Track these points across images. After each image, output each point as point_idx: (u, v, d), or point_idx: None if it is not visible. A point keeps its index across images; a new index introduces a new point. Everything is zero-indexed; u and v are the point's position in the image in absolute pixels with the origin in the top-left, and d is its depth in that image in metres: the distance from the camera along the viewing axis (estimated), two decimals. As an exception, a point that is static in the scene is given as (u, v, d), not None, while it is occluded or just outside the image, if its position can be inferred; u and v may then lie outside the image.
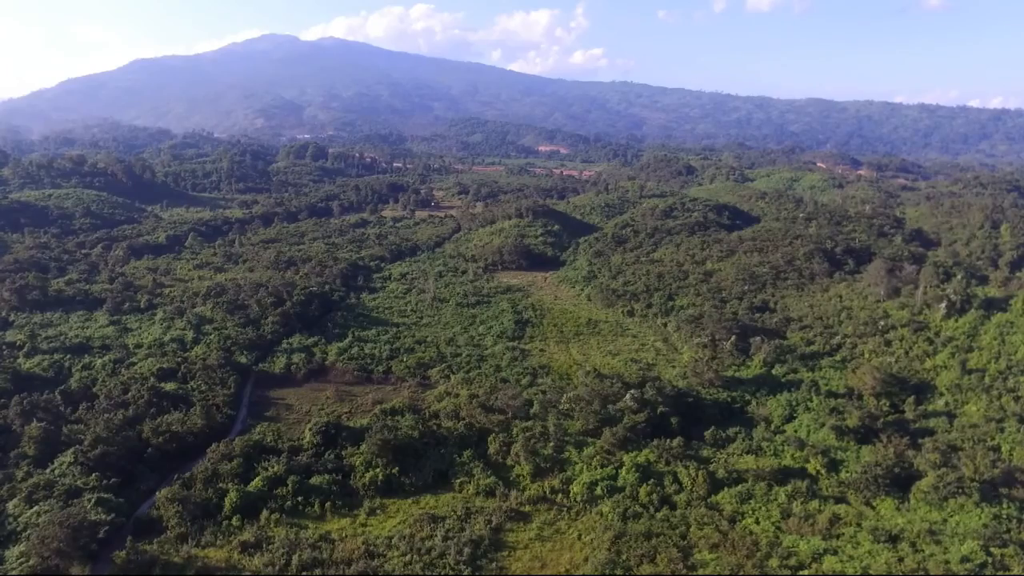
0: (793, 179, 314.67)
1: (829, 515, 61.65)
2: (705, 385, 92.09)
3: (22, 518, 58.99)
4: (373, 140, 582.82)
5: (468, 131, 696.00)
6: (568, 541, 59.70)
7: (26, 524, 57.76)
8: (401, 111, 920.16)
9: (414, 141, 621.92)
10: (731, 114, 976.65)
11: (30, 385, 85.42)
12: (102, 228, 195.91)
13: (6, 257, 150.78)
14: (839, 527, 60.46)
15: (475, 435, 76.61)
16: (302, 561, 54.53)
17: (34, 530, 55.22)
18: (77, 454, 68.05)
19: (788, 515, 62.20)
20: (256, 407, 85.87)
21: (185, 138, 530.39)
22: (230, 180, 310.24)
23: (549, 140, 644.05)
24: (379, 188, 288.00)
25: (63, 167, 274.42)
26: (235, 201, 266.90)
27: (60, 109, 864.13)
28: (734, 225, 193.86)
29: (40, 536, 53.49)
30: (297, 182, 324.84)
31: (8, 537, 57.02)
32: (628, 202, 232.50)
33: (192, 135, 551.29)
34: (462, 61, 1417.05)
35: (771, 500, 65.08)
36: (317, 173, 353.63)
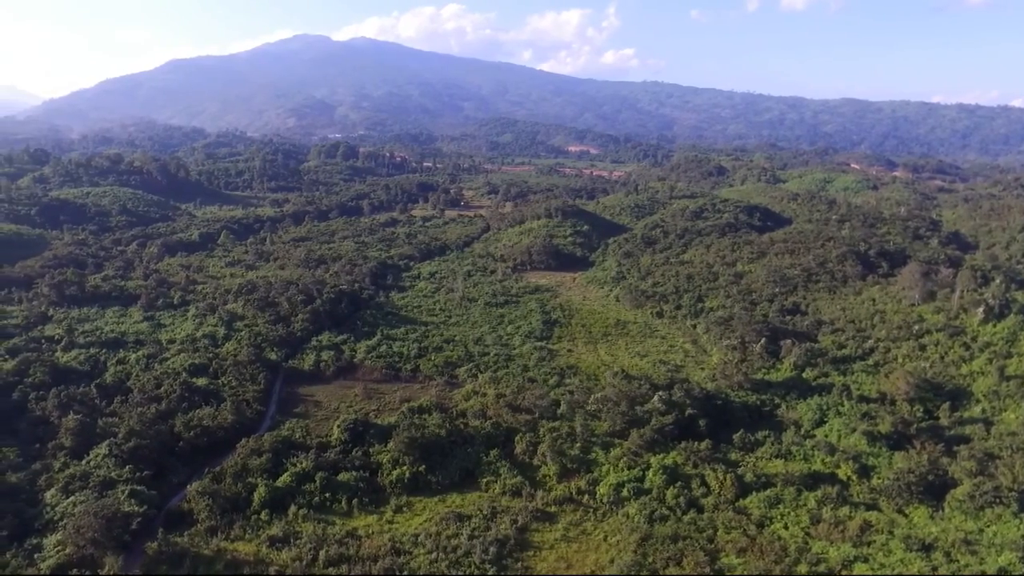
0: (826, 180, 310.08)
1: (860, 522, 60.57)
2: (734, 388, 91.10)
3: (59, 508, 60.29)
4: (403, 139, 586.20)
5: (498, 131, 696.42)
6: (594, 542, 59.45)
7: (62, 514, 59.01)
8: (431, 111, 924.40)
9: (444, 141, 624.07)
10: (763, 114, 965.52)
11: (67, 378, 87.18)
12: (137, 225, 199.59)
13: (46, 253, 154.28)
14: (870, 534, 59.36)
15: (502, 434, 76.62)
16: (329, 557, 54.97)
17: (70, 520, 56.42)
18: (111, 446, 69.28)
19: (817, 521, 61.29)
20: (285, 403, 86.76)
21: (219, 137, 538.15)
22: (262, 179, 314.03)
23: (579, 140, 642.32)
24: (409, 187, 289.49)
25: (101, 166, 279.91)
26: (267, 200, 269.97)
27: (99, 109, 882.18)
28: (765, 227, 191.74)
29: (76, 526, 54.64)
30: (328, 181, 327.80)
31: (46, 526, 58.29)
32: (658, 203, 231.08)
33: (225, 134, 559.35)
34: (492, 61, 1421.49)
35: (800, 505, 64.18)
36: (347, 172, 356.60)
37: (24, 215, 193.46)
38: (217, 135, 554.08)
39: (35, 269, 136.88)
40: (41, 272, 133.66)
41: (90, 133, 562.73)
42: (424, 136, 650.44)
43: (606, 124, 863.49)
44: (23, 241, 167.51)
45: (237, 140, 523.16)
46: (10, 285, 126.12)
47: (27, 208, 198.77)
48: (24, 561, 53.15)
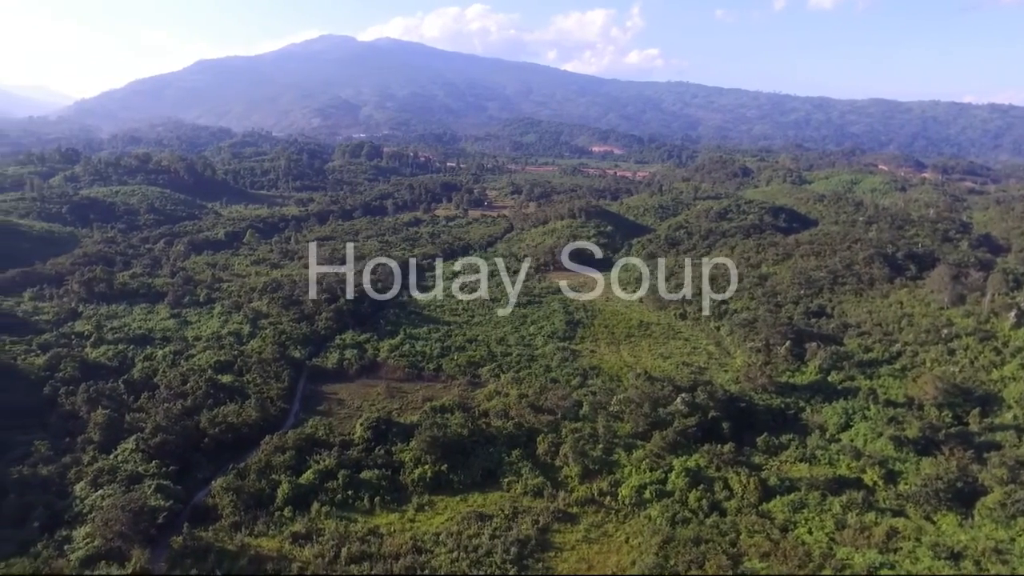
0: (853, 182, 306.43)
1: (886, 528, 59.65)
2: (758, 390, 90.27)
3: (88, 500, 61.34)
4: (427, 139, 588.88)
5: (522, 131, 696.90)
6: (615, 544, 59.20)
7: (91, 507, 60.03)
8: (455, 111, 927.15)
9: (468, 141, 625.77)
10: (789, 115, 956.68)
11: (96, 373, 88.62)
12: (165, 224, 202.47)
13: (76, 251, 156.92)
14: (897, 541, 58.45)
15: (524, 435, 76.56)
16: (351, 554, 55.28)
17: (98, 513, 57.35)
18: (139, 441, 70.30)
19: (843, 526, 60.47)
20: (309, 401, 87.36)
21: (245, 137, 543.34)
22: (287, 178, 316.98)
23: (603, 140, 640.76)
24: (433, 187, 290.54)
25: (129, 165, 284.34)
26: (292, 199, 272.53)
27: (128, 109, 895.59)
28: (791, 228, 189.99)
29: (104, 519, 55.54)
30: (352, 180, 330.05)
31: (75, 518, 59.31)
32: (682, 203, 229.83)
33: (251, 134, 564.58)
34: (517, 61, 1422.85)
35: (825, 510, 63.35)
36: (372, 172, 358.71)
37: (55, 213, 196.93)
38: (243, 135, 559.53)
39: (66, 266, 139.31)
40: (71, 269, 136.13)
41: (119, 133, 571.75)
42: (448, 136, 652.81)
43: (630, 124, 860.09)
44: (54, 239, 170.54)
45: (263, 140, 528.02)
46: (42, 282, 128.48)
47: (58, 206, 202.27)
48: (55, 552, 54.06)
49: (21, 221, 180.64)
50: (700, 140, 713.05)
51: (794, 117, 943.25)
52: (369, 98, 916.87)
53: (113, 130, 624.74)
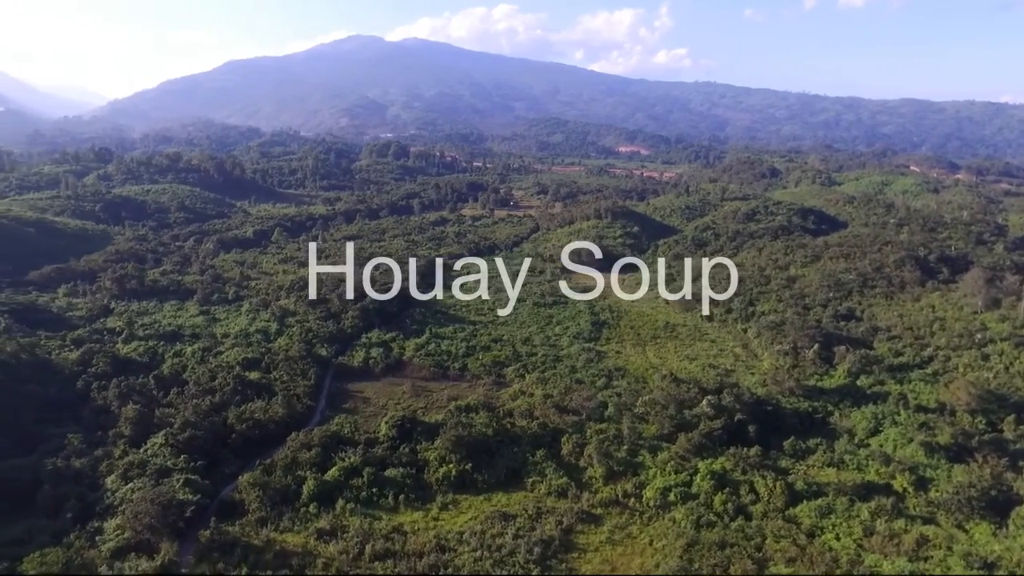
0: (884, 183, 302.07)
1: (916, 536, 58.67)
2: (785, 394, 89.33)
3: (118, 493, 62.40)
4: (454, 139, 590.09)
5: (548, 131, 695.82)
6: (639, 546, 58.95)
7: (122, 499, 61.01)
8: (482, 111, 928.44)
9: (494, 141, 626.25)
10: (819, 115, 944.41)
11: (127, 369, 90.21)
12: (194, 222, 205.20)
13: (108, 248, 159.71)
14: (927, 549, 57.45)
15: (548, 435, 76.48)
16: (375, 551, 55.58)
17: (129, 505, 58.30)
18: (168, 436, 71.34)
19: (871, 533, 59.64)
20: (335, 399, 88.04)
21: (273, 136, 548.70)
22: (315, 177, 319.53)
23: (630, 141, 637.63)
24: (459, 187, 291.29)
25: (161, 164, 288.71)
26: (319, 198, 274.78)
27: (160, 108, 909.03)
28: (819, 230, 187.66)
29: (134, 511, 56.45)
30: (379, 180, 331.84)
31: (106, 510, 60.41)
32: (709, 204, 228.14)
33: (280, 133, 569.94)
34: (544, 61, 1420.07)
35: (853, 516, 62.43)
36: (398, 171, 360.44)
37: (89, 211, 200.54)
38: (272, 134, 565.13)
39: (98, 263, 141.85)
40: (104, 266, 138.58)
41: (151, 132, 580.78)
42: (475, 136, 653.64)
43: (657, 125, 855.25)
44: (88, 236, 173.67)
45: (291, 139, 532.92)
46: (76, 278, 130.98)
47: (92, 204, 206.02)
48: (87, 543, 55.15)
49: (56, 219, 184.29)
50: (728, 141, 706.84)
51: (824, 117, 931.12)
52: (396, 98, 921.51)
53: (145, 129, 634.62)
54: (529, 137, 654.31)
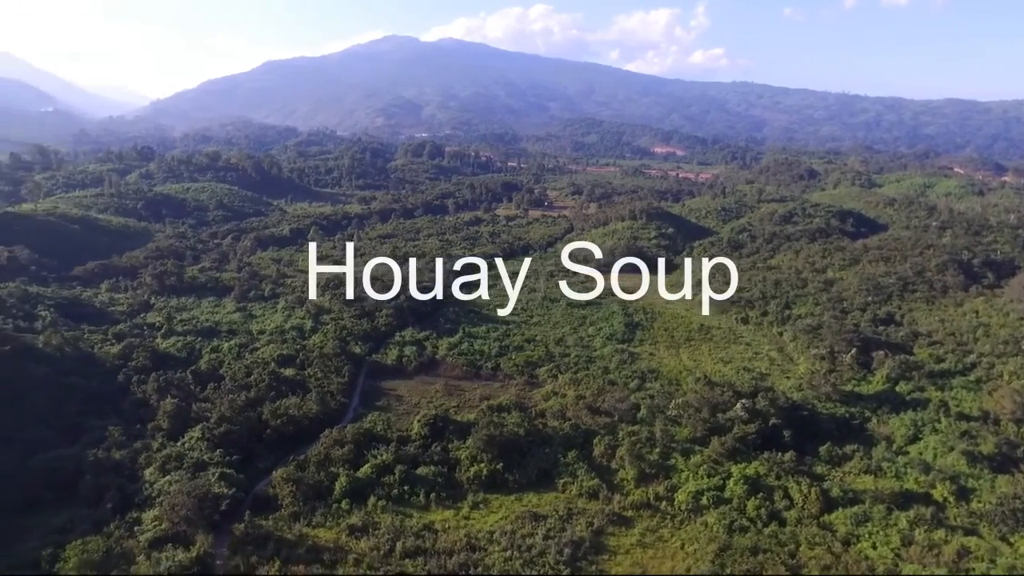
0: (926, 185, 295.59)
1: (957, 547, 57.17)
2: (821, 399, 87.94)
3: (156, 485, 63.74)
4: (488, 139, 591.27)
5: (583, 131, 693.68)
6: (670, 550, 58.48)
7: (159, 491, 62.32)
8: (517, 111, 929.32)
9: (529, 141, 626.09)
10: (859, 116, 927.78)
11: (166, 363, 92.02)
12: (232, 220, 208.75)
13: (149, 245, 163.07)
14: (968, 561, 55.97)
15: (580, 436, 76.26)
16: (406, 548, 55.92)
17: (166, 497, 59.52)
18: (204, 430, 72.59)
19: (909, 543, 58.27)
20: (368, 396, 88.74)
21: (310, 136, 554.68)
22: (350, 176, 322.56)
23: (665, 141, 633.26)
24: (493, 187, 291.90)
25: (200, 163, 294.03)
26: (355, 197, 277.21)
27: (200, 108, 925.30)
28: (859, 232, 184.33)
29: (171, 503, 57.61)
30: (414, 179, 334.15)
31: (145, 501, 61.77)
32: (745, 206, 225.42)
33: (316, 133, 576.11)
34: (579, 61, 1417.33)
35: (890, 525, 61.14)
36: (433, 171, 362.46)
37: (131, 209, 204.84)
38: (308, 134, 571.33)
39: (139, 260, 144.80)
40: (145, 263, 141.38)
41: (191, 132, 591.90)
42: (509, 136, 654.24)
43: (693, 125, 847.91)
44: (129, 233, 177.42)
45: (327, 139, 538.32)
46: (118, 274, 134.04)
47: (134, 202, 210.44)
48: (126, 533, 56.51)
49: (100, 216, 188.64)
50: (765, 141, 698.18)
51: (864, 118, 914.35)
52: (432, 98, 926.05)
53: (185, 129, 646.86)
54: (564, 137, 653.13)
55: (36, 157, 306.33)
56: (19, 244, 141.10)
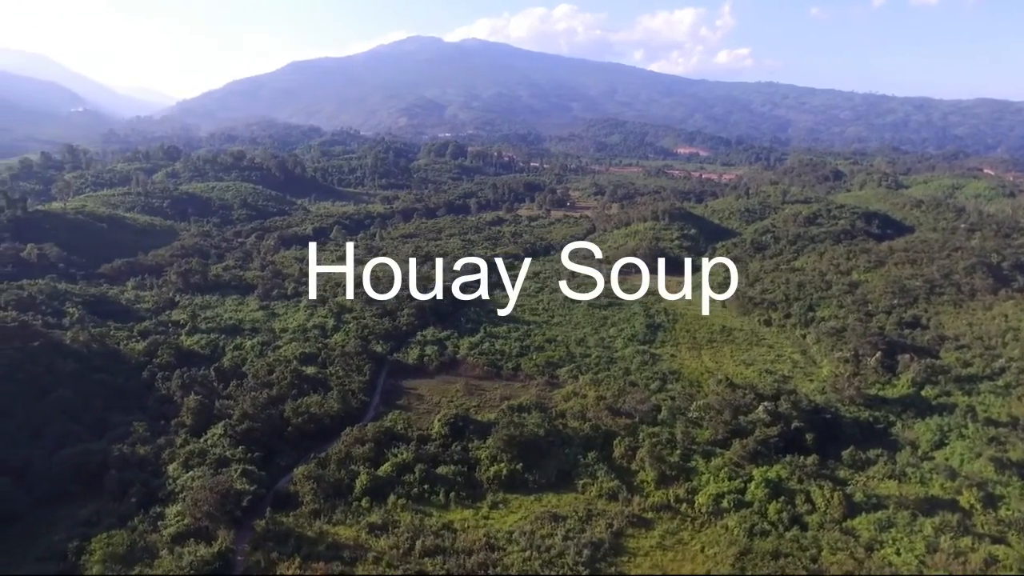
0: (955, 187, 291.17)
1: (984, 555, 56.10)
2: (845, 402, 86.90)
3: (179, 481, 64.54)
4: (511, 139, 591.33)
5: (606, 132, 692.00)
6: (690, 552, 58.11)
7: (182, 487, 63.07)
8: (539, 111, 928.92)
9: (551, 141, 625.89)
10: (886, 116, 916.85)
11: (190, 360, 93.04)
12: (256, 219, 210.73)
13: (174, 243, 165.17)
14: (996, 569, 54.92)
15: (600, 437, 75.97)
16: (425, 547, 56.04)
17: (189, 493, 60.21)
18: (227, 427, 73.33)
19: (934, 550, 57.30)
20: (389, 395, 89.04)
21: (334, 135, 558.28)
22: (373, 176, 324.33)
23: (688, 142, 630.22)
24: (516, 187, 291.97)
25: (225, 162, 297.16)
26: (377, 196, 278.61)
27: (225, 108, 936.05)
28: (884, 235, 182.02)
29: (193, 499, 58.25)
30: (436, 179, 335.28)
31: (168, 496, 62.64)
32: (769, 207, 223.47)
33: (340, 133, 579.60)
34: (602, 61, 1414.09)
35: (915, 531, 60.21)
36: (456, 171, 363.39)
37: (157, 207, 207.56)
38: (332, 133, 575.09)
39: (165, 258, 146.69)
40: (170, 261, 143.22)
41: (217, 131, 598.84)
42: (532, 136, 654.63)
43: (717, 126, 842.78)
44: (155, 231, 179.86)
45: (351, 138, 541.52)
46: (143, 272, 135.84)
47: (160, 201, 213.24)
48: (149, 527, 57.23)
49: (127, 214, 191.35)
50: (790, 142, 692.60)
51: (891, 119, 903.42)
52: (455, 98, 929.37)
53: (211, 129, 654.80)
54: (586, 138, 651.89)
55: (66, 156, 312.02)
56: (49, 242, 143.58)
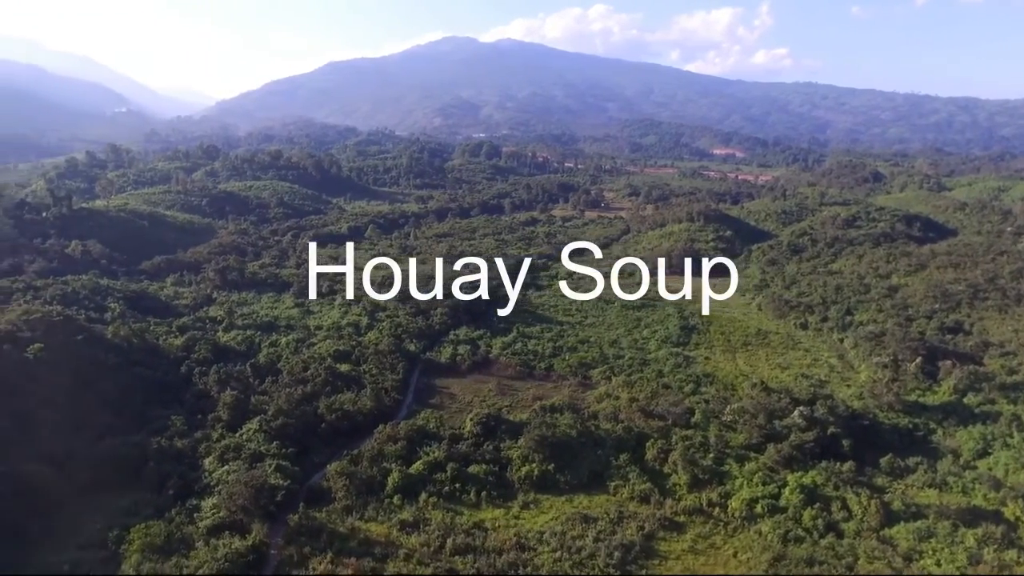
0: (1000, 189, 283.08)
1: (1028, 567, 54.84)
2: (883, 408, 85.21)
3: (215, 474, 65.69)
4: (546, 140, 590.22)
5: (641, 132, 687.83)
6: (723, 557, 57.49)
7: (218, 480, 64.25)
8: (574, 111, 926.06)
9: (586, 142, 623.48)
10: (929, 117, 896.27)
11: (226, 356, 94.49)
12: (292, 217, 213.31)
13: (213, 241, 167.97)
14: (1040, 581, 53.63)
15: (633, 439, 75.53)
16: (456, 545, 56.25)
17: (224, 486, 61.34)
18: (262, 422, 74.37)
19: (977, 562, 55.88)
20: (421, 394, 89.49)
21: (369, 135, 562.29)
22: (408, 176, 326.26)
23: (725, 143, 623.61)
24: (550, 187, 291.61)
25: (262, 161, 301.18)
26: (412, 196, 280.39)
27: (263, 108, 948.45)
28: (926, 238, 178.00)
29: (229, 492, 59.26)
30: (471, 179, 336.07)
31: (204, 489, 63.77)
32: (806, 209, 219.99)
33: (376, 132, 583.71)
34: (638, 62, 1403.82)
35: (956, 542, 58.72)
36: (490, 171, 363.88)
37: (196, 205, 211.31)
38: (368, 133, 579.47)
39: (203, 255, 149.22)
40: (208, 258, 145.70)
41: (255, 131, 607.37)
42: (567, 137, 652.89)
43: (754, 127, 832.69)
44: (194, 229, 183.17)
45: (386, 138, 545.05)
46: (182, 269, 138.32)
47: (199, 199, 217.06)
48: (186, 519, 58.31)
49: (167, 212, 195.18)
50: (828, 144, 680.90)
51: (934, 119, 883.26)
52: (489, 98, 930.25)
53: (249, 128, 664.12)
54: (621, 138, 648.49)
55: (110, 156, 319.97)
56: (92, 239, 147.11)
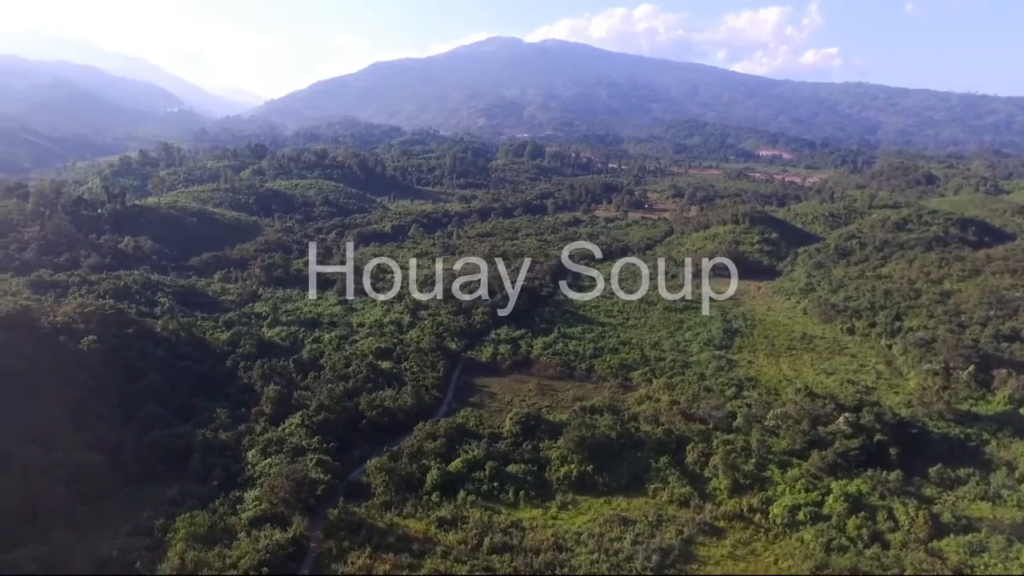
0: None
1: (1085, 584, 52.73)
2: (933, 417, 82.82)
3: (258, 467, 66.95)
4: (589, 140, 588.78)
5: (685, 133, 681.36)
6: (763, 564, 56.48)
7: (261, 473, 65.40)
8: (618, 112, 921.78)
9: (630, 142, 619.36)
10: (986, 117, 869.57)
11: (270, 351, 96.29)
12: (337, 216, 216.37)
13: (259, 238, 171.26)
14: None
15: (673, 442, 74.72)
16: (493, 544, 56.32)
17: (266, 479, 62.29)
18: (304, 417, 75.49)
19: (1031, 577, 54.10)
20: (461, 392, 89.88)
21: (413, 135, 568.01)
22: (452, 175, 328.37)
23: (771, 144, 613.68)
24: (593, 188, 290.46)
25: (308, 160, 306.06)
26: (455, 195, 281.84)
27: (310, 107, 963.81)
28: (981, 242, 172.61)
29: (270, 485, 60.18)
30: (514, 179, 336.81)
31: (247, 481, 65.07)
32: (855, 212, 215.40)
33: (420, 132, 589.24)
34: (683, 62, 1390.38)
35: (1011, 558, 56.67)
36: (533, 171, 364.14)
37: (243, 203, 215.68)
38: (412, 133, 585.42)
39: (249, 252, 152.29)
40: (254, 255, 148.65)
41: (301, 130, 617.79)
42: (610, 137, 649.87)
43: (801, 128, 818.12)
44: (241, 226, 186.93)
45: (430, 138, 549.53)
46: (229, 265, 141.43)
47: (246, 197, 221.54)
48: (228, 510, 59.51)
49: (215, 210, 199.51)
50: (878, 145, 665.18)
51: (992, 120, 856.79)
52: (533, 98, 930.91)
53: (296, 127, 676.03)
54: (665, 139, 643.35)
55: (161, 154, 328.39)
56: (144, 235, 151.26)
